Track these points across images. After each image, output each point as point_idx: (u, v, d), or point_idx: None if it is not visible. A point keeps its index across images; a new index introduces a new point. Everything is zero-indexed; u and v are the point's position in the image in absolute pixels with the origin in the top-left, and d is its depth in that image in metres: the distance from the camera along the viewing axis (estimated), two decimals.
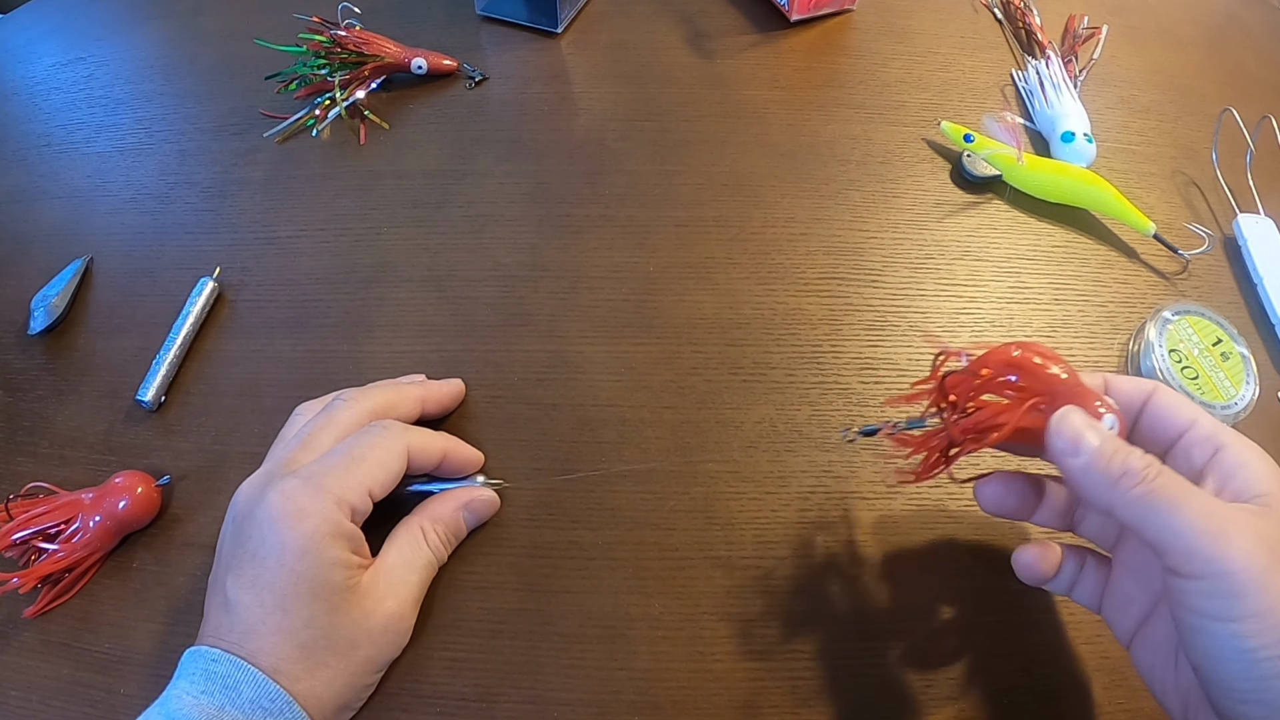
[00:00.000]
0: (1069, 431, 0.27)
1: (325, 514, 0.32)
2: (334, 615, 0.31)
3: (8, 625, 0.37)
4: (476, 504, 0.38)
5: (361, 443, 0.34)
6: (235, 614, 0.31)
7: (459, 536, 0.37)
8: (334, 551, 0.31)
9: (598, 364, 0.43)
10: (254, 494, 0.33)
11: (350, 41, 0.55)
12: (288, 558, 0.31)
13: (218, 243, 0.49)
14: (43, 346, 0.46)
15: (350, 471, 0.33)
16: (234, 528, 0.33)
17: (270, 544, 0.31)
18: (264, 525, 0.32)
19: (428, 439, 0.37)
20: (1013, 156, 0.50)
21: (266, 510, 0.32)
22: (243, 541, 0.32)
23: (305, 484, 0.32)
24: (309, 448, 0.34)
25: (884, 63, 0.58)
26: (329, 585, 0.31)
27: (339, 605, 0.31)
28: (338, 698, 0.32)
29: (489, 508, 0.38)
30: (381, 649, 0.33)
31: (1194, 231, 0.49)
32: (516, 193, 0.51)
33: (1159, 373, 0.42)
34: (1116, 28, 0.61)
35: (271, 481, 0.33)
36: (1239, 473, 0.27)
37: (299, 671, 0.30)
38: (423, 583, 0.35)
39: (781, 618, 0.36)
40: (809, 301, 0.46)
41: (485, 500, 0.38)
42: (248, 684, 0.29)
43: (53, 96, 0.59)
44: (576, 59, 0.59)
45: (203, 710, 0.28)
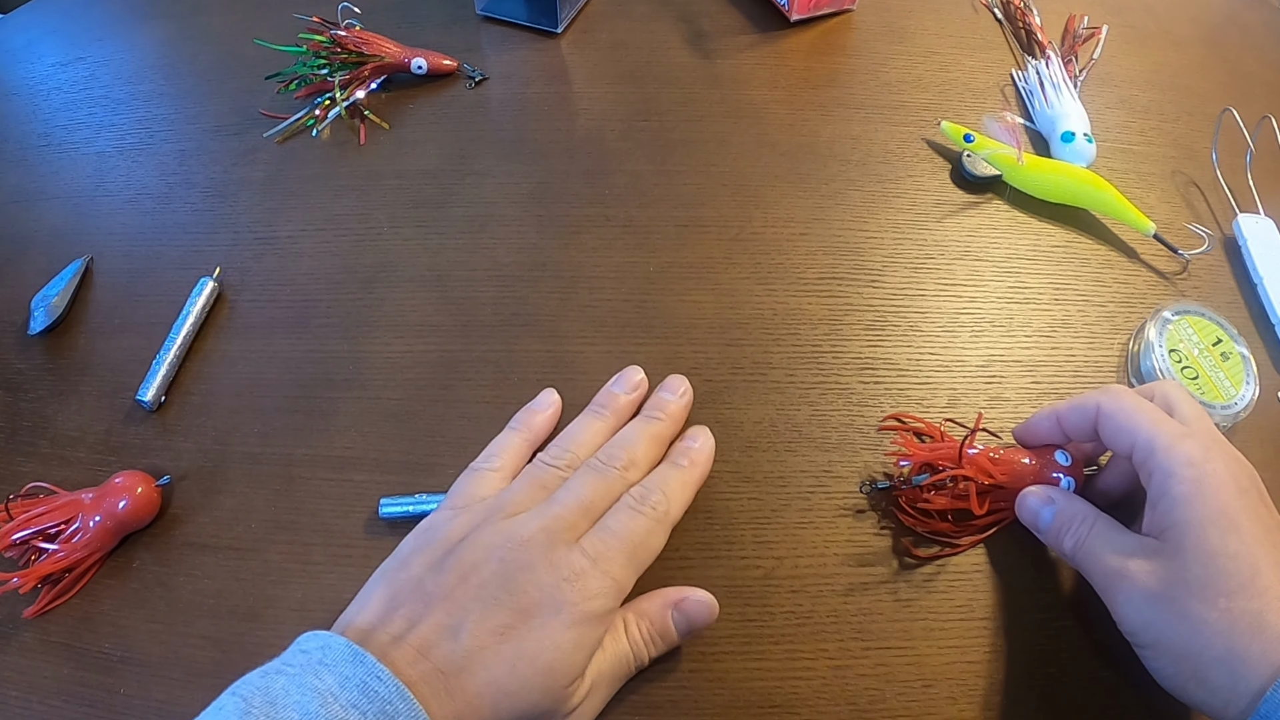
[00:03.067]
0: (1027, 516, 0.36)
1: (608, 604, 0.31)
2: (542, 701, 0.29)
3: (8, 625, 0.37)
4: (689, 605, 0.34)
5: (638, 528, 0.33)
6: (465, 647, 0.29)
7: (668, 641, 0.34)
8: (590, 654, 0.30)
9: (598, 364, 0.43)
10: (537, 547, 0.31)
11: (350, 41, 0.55)
12: (561, 639, 0.29)
13: (218, 243, 0.49)
14: (43, 346, 0.46)
15: (635, 557, 0.32)
16: (496, 566, 0.31)
17: (546, 617, 0.30)
18: (547, 591, 0.30)
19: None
20: (1013, 156, 0.50)
21: (554, 581, 0.30)
22: (511, 591, 0.30)
23: (593, 566, 0.31)
24: (588, 508, 0.33)
25: (884, 63, 0.58)
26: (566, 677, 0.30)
27: (554, 698, 0.30)
28: None
29: (706, 612, 0.34)
30: None
31: (1194, 231, 0.49)
32: (516, 193, 0.51)
33: (1159, 373, 0.42)
34: (1116, 28, 0.61)
35: (556, 547, 0.31)
36: (1159, 504, 0.31)
37: None
38: (617, 682, 0.33)
39: (781, 618, 0.36)
40: (809, 301, 0.46)
41: (699, 601, 0.34)
42: (406, 718, 0.26)
43: (53, 96, 0.59)
44: (576, 59, 0.59)
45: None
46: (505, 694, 0.28)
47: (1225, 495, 0.30)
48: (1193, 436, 0.32)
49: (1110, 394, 0.34)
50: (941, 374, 0.43)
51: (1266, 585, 0.28)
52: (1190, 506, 0.30)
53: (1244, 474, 0.31)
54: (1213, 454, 0.31)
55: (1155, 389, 0.36)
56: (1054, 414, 0.37)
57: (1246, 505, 0.30)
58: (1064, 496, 0.36)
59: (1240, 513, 0.30)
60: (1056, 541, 0.35)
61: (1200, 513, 0.30)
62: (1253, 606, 0.28)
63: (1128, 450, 0.33)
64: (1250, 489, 0.31)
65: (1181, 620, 0.29)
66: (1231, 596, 0.28)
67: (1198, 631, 0.29)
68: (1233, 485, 0.30)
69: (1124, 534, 0.33)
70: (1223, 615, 0.28)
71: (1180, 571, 0.30)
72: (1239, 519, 0.30)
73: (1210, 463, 0.31)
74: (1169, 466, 0.31)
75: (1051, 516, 0.35)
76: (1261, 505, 0.31)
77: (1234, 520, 0.30)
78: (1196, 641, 0.29)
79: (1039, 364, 0.44)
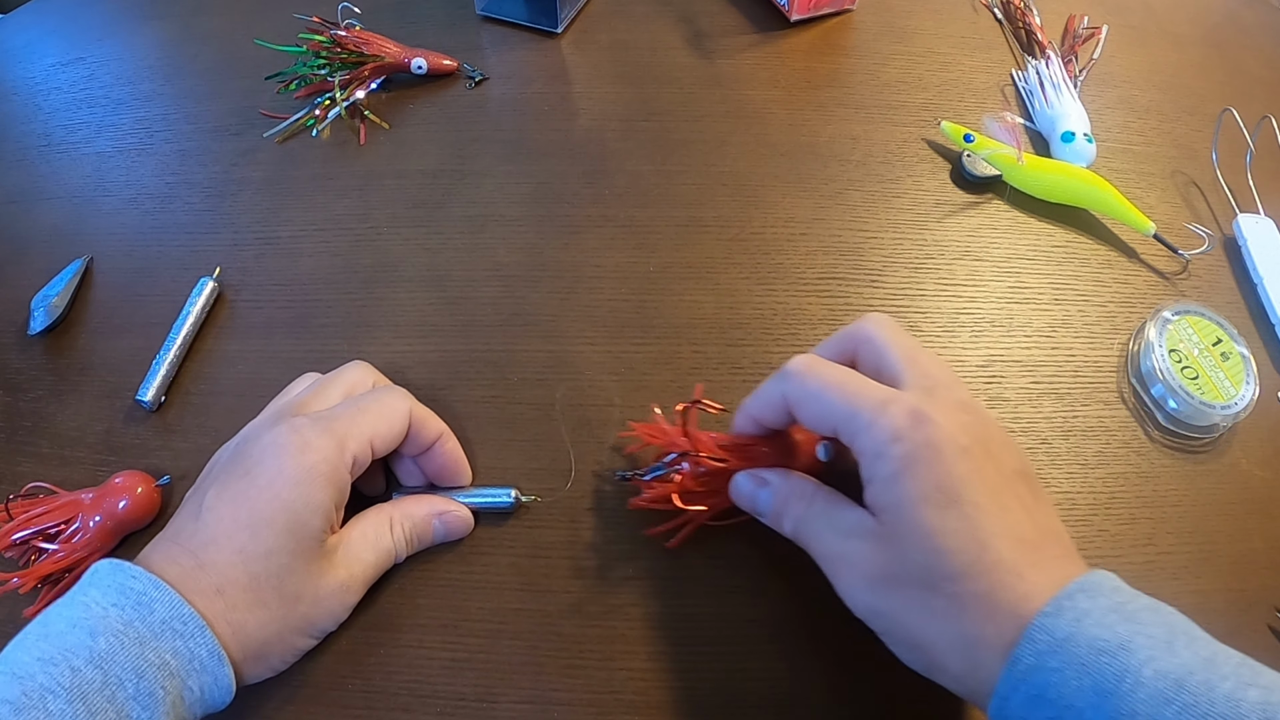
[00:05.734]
0: (745, 501, 0.34)
1: (327, 453, 0.32)
2: (293, 558, 0.31)
3: (8, 625, 0.37)
4: (450, 518, 0.37)
5: (369, 397, 0.36)
6: (204, 522, 0.31)
7: (424, 542, 0.37)
8: (323, 494, 0.32)
9: (598, 364, 0.43)
10: (261, 424, 0.35)
11: (350, 41, 0.55)
12: (279, 483, 0.31)
13: (218, 243, 0.49)
14: (43, 346, 0.46)
15: (356, 420, 0.34)
16: (233, 447, 0.34)
17: (267, 466, 0.32)
18: (266, 449, 0.32)
19: (427, 414, 0.37)
20: (1013, 156, 0.50)
21: (273, 437, 0.32)
22: (239, 459, 0.33)
23: (314, 423, 0.33)
24: (319, 397, 0.36)
25: (884, 63, 0.58)
26: (304, 526, 0.32)
27: (302, 551, 0.32)
28: (264, 644, 0.31)
29: (462, 525, 0.37)
30: (321, 613, 0.33)
31: (1194, 231, 0.49)
32: (516, 193, 0.51)
33: (1159, 372, 0.42)
34: (1116, 28, 0.61)
35: (281, 417, 0.34)
36: (871, 484, 0.29)
37: (239, 600, 0.30)
38: (378, 566, 0.35)
39: (781, 617, 0.36)
40: (809, 301, 0.46)
41: (459, 517, 0.37)
42: (162, 604, 0.29)
43: (53, 96, 0.59)
44: (576, 59, 0.59)
45: (109, 622, 0.28)
46: (254, 556, 0.31)
47: (940, 466, 0.27)
48: (898, 400, 0.28)
49: (793, 377, 0.31)
50: None
51: (994, 560, 0.26)
52: (902, 485, 0.27)
53: (964, 429, 0.28)
54: (925, 418, 0.28)
55: (857, 334, 0.33)
56: (745, 412, 0.34)
57: (969, 469, 0.27)
58: (779, 475, 0.33)
59: (960, 481, 0.27)
60: (778, 524, 0.33)
61: (914, 491, 0.27)
62: (980, 587, 0.26)
63: (831, 434, 0.30)
64: (972, 447, 0.28)
65: (909, 608, 0.28)
66: (957, 580, 0.26)
67: (928, 619, 0.27)
68: (950, 450, 0.27)
69: (846, 510, 0.30)
70: (950, 601, 0.26)
71: (900, 555, 0.28)
72: (959, 490, 0.27)
73: (920, 430, 0.27)
74: (874, 446, 0.28)
75: (769, 498, 0.33)
76: (988, 463, 0.28)
77: (953, 493, 0.27)
78: (929, 629, 0.27)
79: (1039, 364, 0.44)
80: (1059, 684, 0.24)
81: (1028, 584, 0.26)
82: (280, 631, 0.32)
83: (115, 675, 0.27)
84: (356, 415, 0.34)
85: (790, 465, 0.34)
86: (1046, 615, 0.25)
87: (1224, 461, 0.41)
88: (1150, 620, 0.25)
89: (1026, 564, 0.26)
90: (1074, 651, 0.24)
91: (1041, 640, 0.25)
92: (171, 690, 0.28)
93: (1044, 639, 0.25)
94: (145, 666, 0.28)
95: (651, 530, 0.37)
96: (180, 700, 0.29)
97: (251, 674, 0.32)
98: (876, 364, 0.32)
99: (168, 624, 0.29)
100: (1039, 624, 0.25)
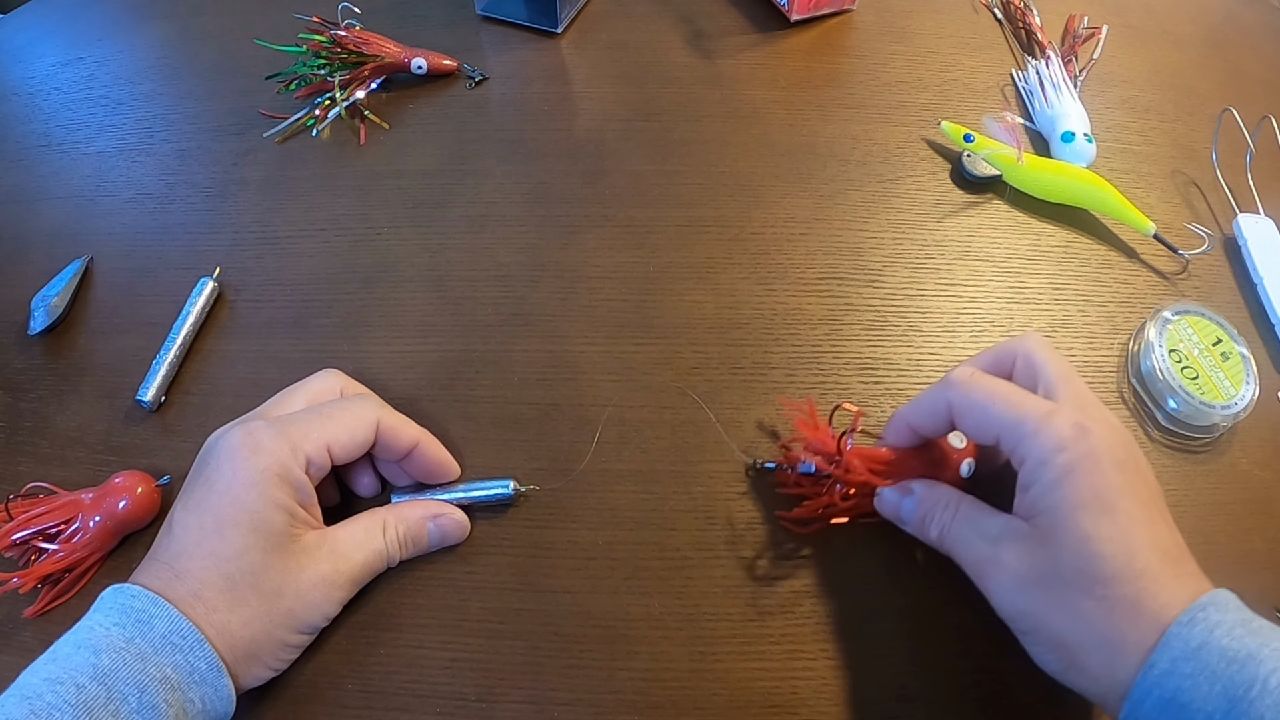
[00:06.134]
0: (889, 511, 0.36)
1: (278, 455, 0.33)
2: (266, 555, 0.32)
3: (8, 625, 0.37)
4: (445, 522, 0.37)
5: (335, 404, 0.36)
6: (174, 534, 0.32)
7: (419, 546, 0.37)
8: (278, 493, 0.32)
9: (598, 364, 0.43)
10: (220, 432, 0.35)
11: (350, 41, 0.55)
12: (235, 486, 0.32)
13: (218, 243, 0.49)
14: (43, 346, 0.46)
15: (314, 425, 0.34)
16: (197, 462, 0.35)
17: (223, 471, 0.32)
18: (220, 455, 0.33)
19: (401, 422, 0.37)
20: (1013, 156, 0.50)
21: (227, 442, 0.33)
22: (199, 469, 0.34)
23: (268, 427, 0.34)
24: (281, 404, 0.37)
25: (884, 63, 0.58)
26: (267, 524, 0.32)
27: (273, 547, 0.32)
28: (251, 642, 0.32)
29: (458, 530, 0.37)
30: (305, 607, 0.33)
31: (1194, 231, 0.49)
32: (516, 193, 0.51)
33: (1159, 372, 0.42)
34: (1116, 28, 0.61)
35: (240, 424, 0.35)
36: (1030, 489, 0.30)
37: (219, 602, 0.31)
38: (367, 565, 0.35)
39: (782, 617, 0.36)
40: (809, 301, 0.46)
41: (454, 520, 0.37)
42: (161, 619, 0.30)
43: (53, 96, 0.59)
44: (576, 59, 0.59)
45: (112, 641, 0.29)
46: (226, 557, 0.31)
47: (1100, 475, 0.29)
48: (1060, 412, 0.30)
49: (958, 385, 0.33)
50: (941, 374, 0.43)
51: (1143, 568, 0.28)
52: (1062, 491, 0.29)
53: (1120, 445, 0.30)
54: (1087, 430, 0.29)
55: (1016, 349, 0.34)
56: (903, 420, 0.35)
57: (1123, 482, 0.29)
58: (923, 484, 0.34)
59: (1116, 492, 0.28)
60: (922, 532, 0.34)
61: (1073, 497, 0.28)
62: (1129, 592, 0.27)
63: (993, 441, 0.32)
64: (1127, 461, 0.29)
65: (1058, 608, 0.29)
66: (1108, 584, 0.28)
67: (1075, 620, 0.28)
68: (1108, 461, 0.29)
69: (992, 516, 0.32)
70: (1099, 603, 0.28)
71: (1053, 558, 0.29)
72: (1114, 500, 0.28)
73: (1083, 441, 0.29)
74: (1039, 454, 0.29)
75: (914, 507, 0.34)
76: (1139, 478, 0.30)
77: (1108, 502, 0.28)
78: (1075, 630, 0.28)
79: None
80: (1191, 689, 0.26)
81: (1169, 594, 0.28)
82: (266, 628, 0.32)
83: (119, 690, 0.28)
84: (315, 420, 0.34)
85: (934, 478, 0.35)
86: (1181, 624, 0.27)
87: (1224, 461, 0.41)
88: (1273, 636, 0.27)
89: (1169, 575, 0.28)
90: (1206, 660, 0.26)
91: (1177, 647, 0.26)
92: (174, 703, 0.29)
93: (1179, 646, 0.26)
94: (147, 681, 0.28)
95: (786, 518, 0.38)
96: (183, 713, 0.29)
97: (248, 676, 0.32)
98: (1032, 380, 0.33)
99: (167, 639, 0.30)
100: (1175, 632, 0.27)
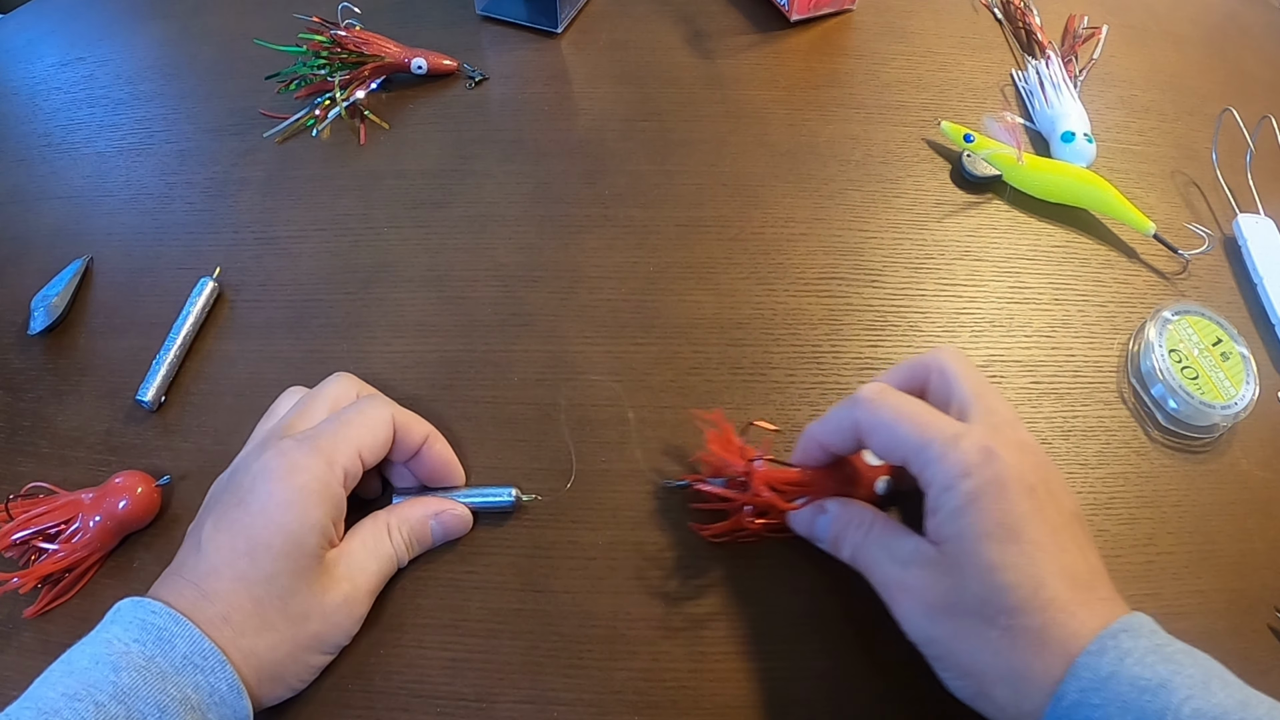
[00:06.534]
0: (803, 529, 0.35)
1: (316, 472, 0.32)
2: (295, 579, 0.32)
3: (8, 625, 0.37)
4: (447, 517, 0.37)
5: (352, 409, 0.36)
6: (204, 553, 0.32)
7: (423, 544, 0.37)
8: (317, 512, 0.32)
9: (598, 364, 0.43)
10: (251, 452, 0.34)
11: (350, 41, 0.55)
12: (272, 507, 0.32)
13: (218, 243, 0.49)
14: (43, 346, 0.46)
15: (341, 434, 0.34)
16: (226, 479, 0.35)
17: (259, 492, 0.32)
18: (256, 476, 0.33)
19: (411, 418, 0.37)
20: (1013, 156, 0.50)
21: (262, 464, 0.33)
22: (232, 489, 0.33)
23: (300, 444, 0.33)
24: (304, 416, 0.36)
25: (884, 63, 0.58)
26: (302, 546, 0.32)
27: (303, 571, 0.32)
28: (276, 665, 0.31)
29: (460, 524, 0.38)
30: (330, 628, 0.33)
31: (1194, 231, 0.49)
32: (516, 193, 0.51)
33: (1159, 372, 0.42)
34: (1116, 28, 0.61)
35: (269, 442, 0.34)
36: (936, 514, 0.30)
37: (246, 625, 0.31)
38: (381, 574, 0.35)
39: (782, 618, 0.36)
40: (809, 301, 0.46)
41: (456, 515, 0.37)
42: (183, 639, 0.29)
43: (53, 96, 0.59)
44: (576, 59, 0.59)
45: (132, 658, 0.28)
46: (256, 581, 0.31)
47: (1005, 502, 0.28)
48: (969, 435, 0.29)
49: (865, 404, 0.32)
50: None
51: (1050, 597, 0.27)
52: (967, 519, 0.28)
53: (1031, 468, 0.29)
54: (994, 454, 0.28)
55: (930, 363, 0.33)
56: (812, 438, 0.34)
57: (1032, 508, 0.28)
58: (837, 502, 0.34)
59: (1024, 519, 0.28)
60: (836, 550, 0.34)
61: (978, 525, 0.28)
62: (1035, 622, 0.27)
63: (900, 462, 0.31)
64: (1037, 486, 0.29)
65: (964, 637, 0.28)
66: (1013, 614, 0.27)
67: (981, 650, 0.28)
68: (1017, 487, 0.28)
69: (904, 538, 0.31)
70: (1004, 634, 0.27)
71: (959, 586, 0.28)
72: (1021, 527, 0.28)
73: (989, 466, 0.28)
74: (944, 479, 0.29)
75: (827, 526, 0.34)
76: (1049, 502, 0.29)
77: (1015, 529, 0.28)
78: (981, 660, 0.28)
79: (1039, 364, 0.44)
80: (1101, 719, 0.25)
81: (1077, 622, 0.27)
82: (292, 651, 0.32)
83: (138, 710, 0.27)
84: (341, 429, 0.34)
85: (849, 495, 0.35)
86: (1090, 653, 0.26)
87: (1224, 461, 0.41)
88: (1187, 662, 0.26)
89: (1078, 603, 0.27)
90: (1116, 689, 0.25)
91: (1085, 677, 0.26)
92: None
93: (1088, 676, 0.26)
94: (167, 701, 0.28)
95: (702, 530, 0.37)
96: None
97: (269, 696, 0.32)
98: (946, 395, 0.32)
99: (188, 659, 0.29)
100: (1083, 661, 0.26)
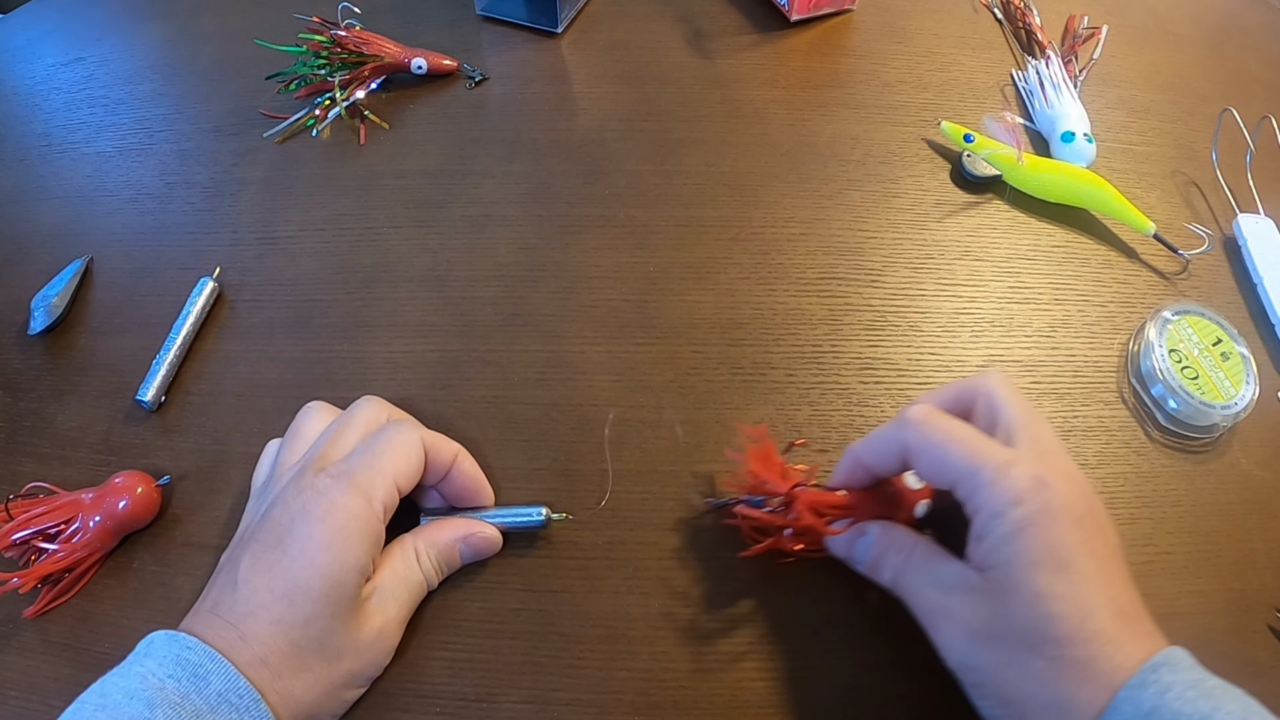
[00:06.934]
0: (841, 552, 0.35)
1: (355, 510, 0.32)
2: (333, 621, 0.31)
3: (8, 625, 0.37)
4: (476, 540, 0.36)
5: (382, 436, 0.35)
6: (241, 594, 0.31)
7: (452, 567, 0.37)
8: (357, 552, 0.32)
9: (598, 364, 0.43)
10: (286, 487, 0.33)
11: (350, 41, 0.55)
12: (312, 549, 0.31)
13: (218, 243, 0.49)
14: (43, 346, 0.46)
15: (375, 465, 0.33)
16: (262, 513, 0.34)
17: (298, 534, 0.31)
18: (295, 516, 0.32)
19: (440, 439, 0.36)
20: (1013, 156, 0.50)
21: (300, 504, 0.32)
22: (269, 528, 0.32)
23: (336, 482, 0.32)
24: (336, 445, 0.35)
25: (884, 63, 0.58)
26: (339, 588, 0.31)
27: (341, 612, 0.31)
28: (312, 705, 0.31)
29: (489, 546, 0.37)
30: (365, 663, 0.33)
31: (1194, 231, 0.49)
32: (516, 193, 0.51)
33: (1159, 372, 0.42)
34: (1116, 28, 0.61)
35: (303, 477, 0.33)
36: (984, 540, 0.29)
37: (283, 668, 0.30)
38: (412, 601, 0.35)
39: (782, 618, 0.36)
40: (809, 301, 0.46)
41: (485, 538, 0.37)
42: (218, 676, 0.29)
43: (53, 96, 0.59)
44: (576, 59, 0.59)
45: (167, 695, 0.28)
46: (294, 624, 0.30)
47: (1056, 532, 0.28)
48: (1020, 463, 0.29)
49: (915, 426, 0.31)
50: (941, 374, 0.43)
51: (1097, 629, 0.27)
52: (1017, 547, 0.28)
53: (1079, 498, 0.29)
54: (1045, 483, 0.28)
55: (977, 387, 0.33)
56: (856, 458, 0.33)
57: (1081, 538, 0.28)
58: (877, 525, 0.33)
59: (1073, 548, 0.27)
60: (875, 574, 0.33)
61: (1028, 553, 0.27)
62: (1081, 653, 0.27)
63: (948, 487, 0.30)
64: (1086, 516, 0.28)
65: (1007, 666, 0.28)
66: (1060, 644, 0.27)
67: (1024, 679, 0.27)
68: (1066, 517, 0.28)
69: (946, 563, 0.31)
70: (1050, 664, 0.27)
71: (1005, 614, 0.28)
72: (1070, 557, 0.27)
73: (1041, 495, 0.28)
74: (994, 506, 0.28)
75: (867, 549, 0.33)
76: (1097, 534, 0.29)
77: (1064, 559, 0.27)
78: (1024, 689, 0.27)
79: (1039, 364, 0.44)
80: None
81: (1123, 655, 0.27)
82: (328, 690, 0.32)
83: None
84: (374, 459, 0.33)
85: (890, 519, 0.34)
86: (1132, 687, 0.26)
87: (1224, 461, 0.41)
88: (1226, 699, 0.26)
89: (1124, 635, 0.27)
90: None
91: (1127, 711, 0.26)
92: None
93: (1130, 710, 0.26)
94: None
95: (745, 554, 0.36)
96: None
97: None
98: (992, 420, 0.31)
99: (224, 697, 0.29)
100: (1125, 695, 0.26)
